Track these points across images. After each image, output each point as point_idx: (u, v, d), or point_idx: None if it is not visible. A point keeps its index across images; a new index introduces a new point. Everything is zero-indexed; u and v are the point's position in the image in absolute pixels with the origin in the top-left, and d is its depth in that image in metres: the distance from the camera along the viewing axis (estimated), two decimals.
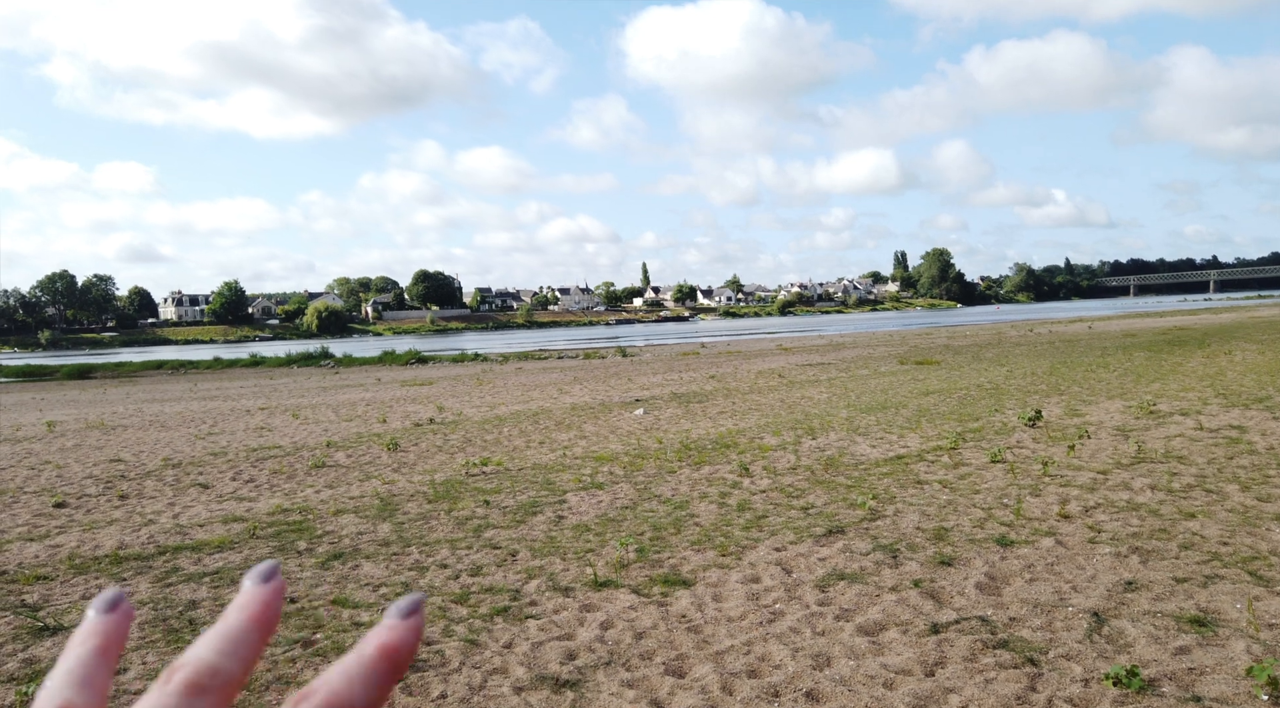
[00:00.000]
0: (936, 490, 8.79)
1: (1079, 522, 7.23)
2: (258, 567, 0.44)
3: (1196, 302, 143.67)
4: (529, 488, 10.33)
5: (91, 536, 8.94)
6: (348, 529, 8.67)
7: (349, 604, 6.26)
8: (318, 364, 54.10)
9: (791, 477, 10.08)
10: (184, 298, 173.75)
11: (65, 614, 6.38)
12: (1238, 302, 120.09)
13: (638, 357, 46.05)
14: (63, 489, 11.62)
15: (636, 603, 5.96)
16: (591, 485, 10.23)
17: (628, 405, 19.09)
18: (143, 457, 14.16)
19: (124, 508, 10.40)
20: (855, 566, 6.39)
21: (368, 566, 7.31)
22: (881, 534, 7.20)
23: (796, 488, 9.40)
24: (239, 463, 13.21)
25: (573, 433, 15.12)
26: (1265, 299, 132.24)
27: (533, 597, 6.22)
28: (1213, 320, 53.21)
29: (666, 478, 10.49)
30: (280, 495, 10.73)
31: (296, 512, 9.59)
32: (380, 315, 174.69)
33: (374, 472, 12.14)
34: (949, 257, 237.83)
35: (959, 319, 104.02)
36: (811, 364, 29.73)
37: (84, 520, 9.75)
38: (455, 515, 9.04)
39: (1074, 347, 32.20)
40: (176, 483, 11.85)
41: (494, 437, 15.07)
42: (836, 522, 7.70)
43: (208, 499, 10.73)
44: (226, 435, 16.55)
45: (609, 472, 11.14)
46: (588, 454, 12.73)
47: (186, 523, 9.33)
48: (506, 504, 9.47)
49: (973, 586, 5.76)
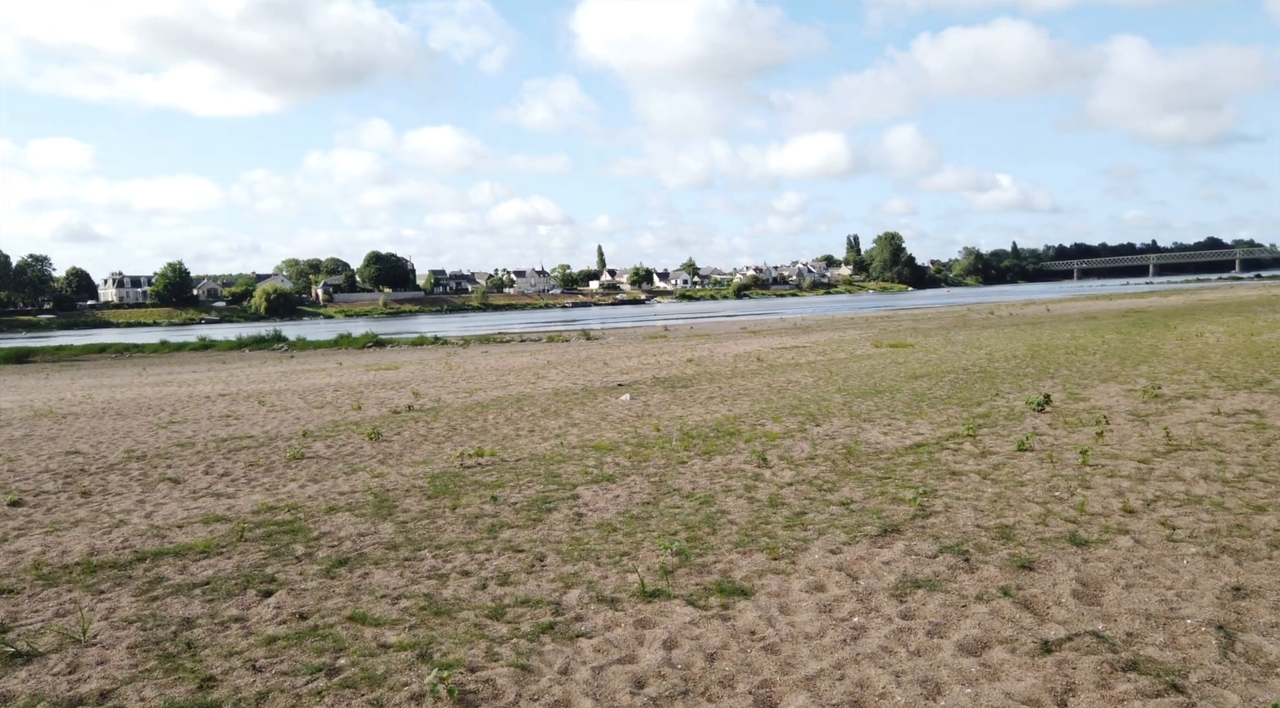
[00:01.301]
0: (977, 482, 8.32)
1: (1146, 517, 6.79)
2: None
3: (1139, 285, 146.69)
4: (534, 481, 9.66)
5: (56, 539, 8.09)
6: (346, 530, 7.94)
7: (369, 621, 5.57)
8: (270, 347, 52.58)
9: (813, 467, 9.56)
10: (125, 279, 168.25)
11: (39, 637, 5.59)
12: (1178, 285, 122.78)
13: (602, 340, 45.37)
14: (17, 485, 10.67)
15: (696, 617, 5.36)
16: (601, 478, 9.60)
17: (611, 391, 18.45)
18: (102, 448, 13.17)
19: (88, 506, 9.52)
20: (927, 571, 5.86)
21: (379, 573, 6.61)
22: (941, 533, 6.69)
23: (825, 480, 8.87)
24: (209, 455, 12.32)
25: (562, 420, 14.46)
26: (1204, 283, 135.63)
27: (577, 610, 5.59)
28: (1163, 303, 54.06)
29: (679, 469, 9.90)
30: (261, 491, 9.92)
31: (284, 510, 8.81)
32: (331, 298, 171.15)
33: (359, 464, 11.37)
34: (900, 241, 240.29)
35: (914, 302, 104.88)
36: (785, 348, 29.33)
37: (45, 521, 8.87)
38: (462, 513, 8.35)
39: (1040, 329, 32.26)
40: (143, 478, 10.95)
41: (479, 424, 14.34)
42: (887, 519, 7.17)
43: (181, 496, 9.89)
44: (190, 424, 15.57)
45: (614, 463, 10.51)
46: (584, 443, 12.09)
47: (162, 524, 8.51)
48: (515, 500, 8.80)
49: (1068, 594, 5.26)
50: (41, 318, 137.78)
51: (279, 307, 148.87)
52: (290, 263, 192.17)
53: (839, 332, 39.06)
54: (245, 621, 5.74)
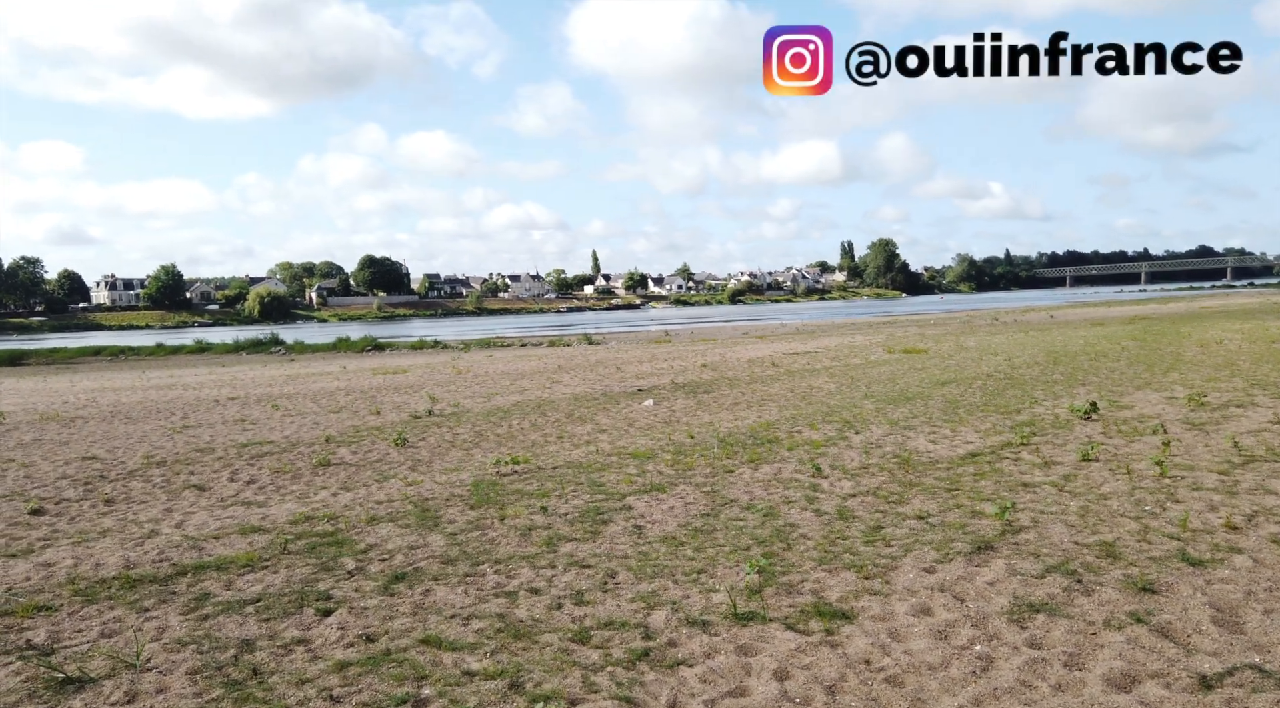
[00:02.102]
0: (1054, 495, 7.95)
1: (1254, 535, 6.44)
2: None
3: (1133, 293, 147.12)
4: (578, 490, 9.27)
5: (86, 550, 7.66)
6: (393, 542, 7.54)
7: (446, 645, 5.18)
8: (268, 351, 52.13)
9: (871, 477, 9.19)
10: (118, 282, 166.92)
11: (88, 660, 5.18)
12: (1172, 293, 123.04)
13: (605, 344, 45.01)
14: (36, 492, 10.22)
15: (801, 643, 4.98)
16: (650, 488, 9.21)
17: (632, 396, 18.07)
18: (119, 453, 12.72)
19: (114, 515, 9.09)
20: (1040, 593, 5.49)
21: (441, 590, 6.21)
22: (1039, 551, 6.32)
23: (889, 491, 8.50)
24: (232, 461, 11.89)
25: (589, 426, 14.07)
26: (1198, 291, 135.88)
27: (669, 635, 5.21)
28: (1164, 310, 54.00)
29: (728, 478, 9.52)
30: (293, 499, 9.51)
31: (323, 520, 8.40)
32: (325, 301, 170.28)
33: (389, 471, 10.96)
34: (894, 247, 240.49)
35: (910, 308, 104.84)
36: (797, 353, 28.98)
37: (70, 531, 8.44)
38: (512, 525, 7.95)
39: (1050, 334, 31.98)
40: (167, 485, 10.52)
41: (505, 430, 13.94)
42: (976, 535, 6.80)
43: (209, 504, 9.46)
44: (205, 428, 15.12)
45: (657, 471, 10.13)
46: (618, 450, 11.70)
47: (196, 534, 8.09)
48: (564, 510, 8.41)
49: (1207, 621, 4.90)
50: (33, 320, 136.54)
51: (272, 310, 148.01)
52: (284, 266, 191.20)
53: (845, 337, 38.76)
54: (309, 643, 5.34)
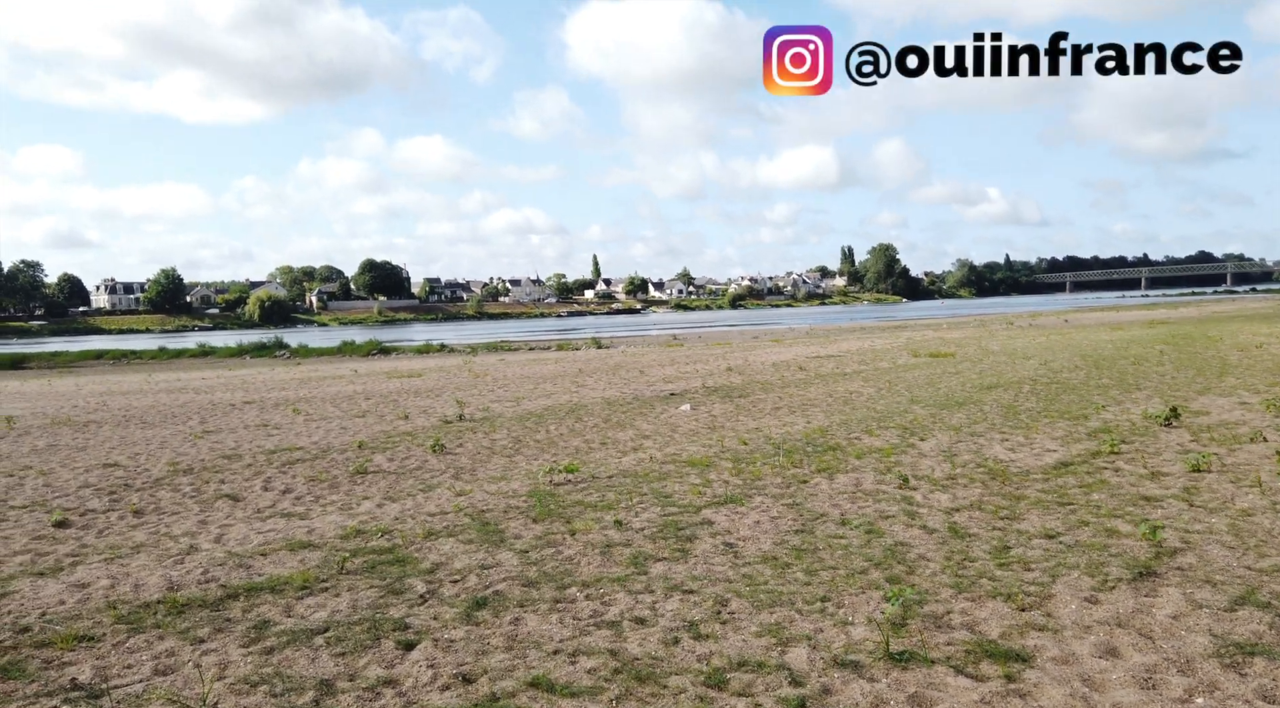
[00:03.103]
0: (1187, 511, 7.24)
1: None
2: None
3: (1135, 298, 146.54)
4: (645, 502, 8.55)
5: (121, 568, 6.94)
6: (460, 560, 6.82)
7: (561, 690, 4.46)
8: (272, 354, 51.43)
9: (963, 489, 8.49)
10: (118, 285, 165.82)
11: (145, 705, 4.47)
12: (1174, 298, 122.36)
13: (614, 348, 44.32)
14: (58, 502, 9.48)
15: (983, 693, 4.27)
16: (724, 500, 8.48)
17: (664, 400, 17.37)
18: (141, 460, 11.97)
19: (145, 528, 8.37)
20: (1242, 630, 4.78)
21: (532, 619, 5.49)
22: (1212, 578, 5.61)
23: (993, 505, 7.80)
24: (262, 468, 11.16)
25: (630, 432, 13.36)
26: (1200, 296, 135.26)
27: (819, 679, 4.49)
28: (1178, 315, 53.49)
29: (805, 489, 8.81)
30: (336, 511, 8.78)
31: (376, 534, 7.68)
32: (325, 305, 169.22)
33: (432, 479, 10.24)
34: (894, 252, 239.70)
35: (915, 313, 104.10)
36: (819, 357, 28.26)
37: (100, 546, 7.72)
38: (586, 541, 7.24)
39: (1071, 337, 31.24)
40: (197, 494, 9.79)
41: (543, 436, 13.23)
42: (1129, 557, 6.09)
43: (246, 515, 8.74)
44: (228, 434, 14.37)
45: (722, 481, 9.42)
46: (670, 458, 10.99)
47: (239, 550, 7.37)
48: (637, 525, 7.69)
49: None
50: (33, 324, 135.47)
51: (273, 314, 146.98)
52: (284, 270, 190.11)
53: (862, 341, 38.02)
54: (398, 684, 4.63)
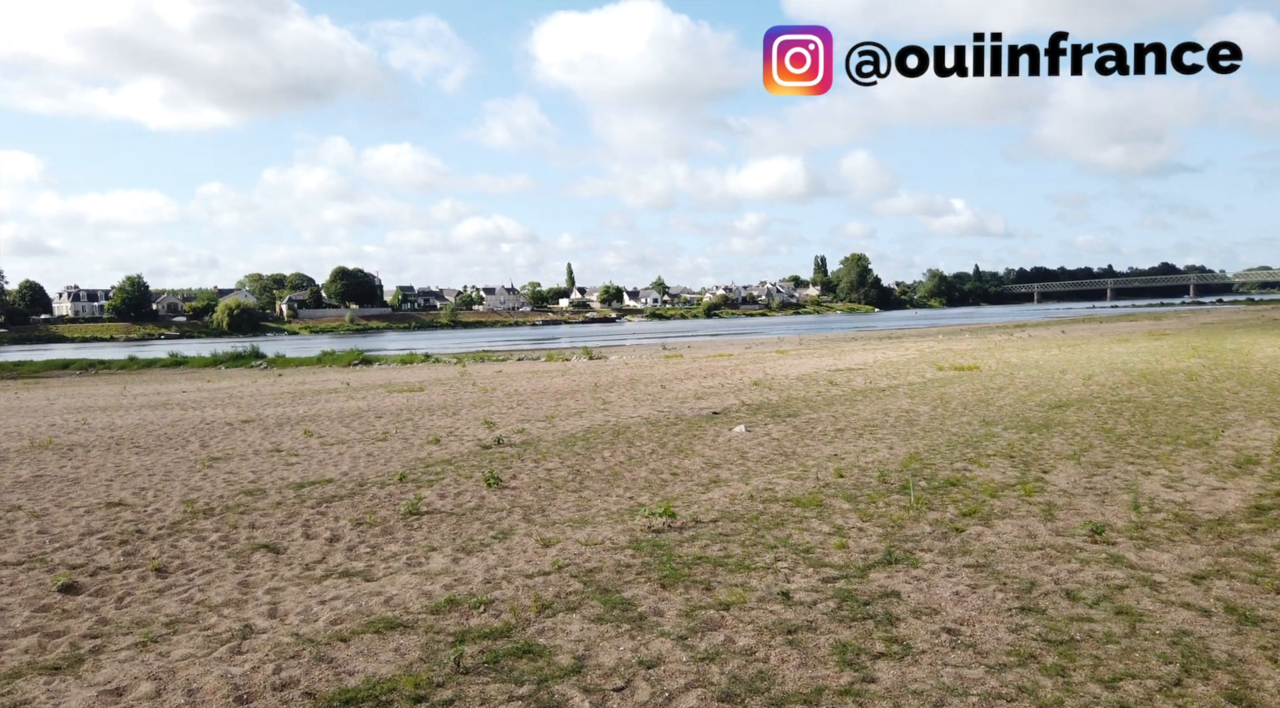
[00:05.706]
0: None
1: None
2: None
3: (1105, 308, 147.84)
4: (783, 560, 7.13)
5: (162, 663, 5.38)
6: (606, 653, 5.34)
7: None
8: (249, 364, 49.45)
9: (1178, 546, 7.15)
10: (81, 293, 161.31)
11: None
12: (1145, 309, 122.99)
13: (607, 358, 42.86)
14: (60, 557, 7.86)
15: None
16: (886, 559, 7.04)
17: (708, 420, 15.97)
18: (148, 496, 10.32)
19: (174, 594, 6.80)
20: None
21: None
22: None
23: (1246, 572, 6.46)
24: (296, 508, 9.57)
25: (698, 461, 11.95)
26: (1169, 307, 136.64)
27: None
28: (1162, 326, 53.07)
29: (970, 541, 7.45)
30: (404, 567, 7.27)
31: (474, 606, 6.19)
32: (296, 314, 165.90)
33: (500, 522, 8.75)
34: (867, 262, 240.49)
35: (891, 323, 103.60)
36: (840, 369, 26.98)
37: (124, 623, 6.15)
38: (752, 621, 5.80)
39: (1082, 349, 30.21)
40: (227, 544, 8.20)
41: (602, 465, 11.76)
42: None
43: (295, 574, 7.20)
44: (239, 461, 12.71)
45: (857, 529, 8.03)
46: (764, 495, 9.56)
47: (308, 631, 5.83)
48: (803, 597, 6.25)
49: None
50: None
51: (242, 322, 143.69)
52: (254, 278, 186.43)
53: (868, 352, 36.81)
54: None
